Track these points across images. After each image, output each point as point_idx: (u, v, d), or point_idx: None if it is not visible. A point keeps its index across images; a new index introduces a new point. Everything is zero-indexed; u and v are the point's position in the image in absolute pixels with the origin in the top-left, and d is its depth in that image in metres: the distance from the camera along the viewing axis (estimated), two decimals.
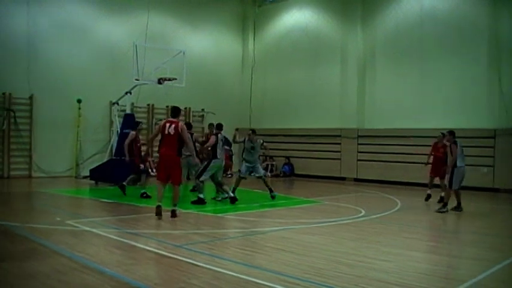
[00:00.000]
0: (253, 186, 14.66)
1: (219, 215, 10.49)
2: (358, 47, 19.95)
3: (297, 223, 9.54)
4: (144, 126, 17.95)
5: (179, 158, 9.52)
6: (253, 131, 13.32)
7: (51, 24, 17.85)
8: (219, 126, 12.40)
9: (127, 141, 12.93)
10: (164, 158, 9.43)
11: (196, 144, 13.07)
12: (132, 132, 13.19)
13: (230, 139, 14.61)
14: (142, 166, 12.85)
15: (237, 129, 16.85)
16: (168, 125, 9.48)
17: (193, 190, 13.45)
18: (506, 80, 16.09)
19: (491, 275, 5.89)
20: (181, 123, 9.53)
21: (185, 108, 21.48)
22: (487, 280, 5.66)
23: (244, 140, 13.17)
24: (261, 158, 22.32)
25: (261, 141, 13.35)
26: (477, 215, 11.81)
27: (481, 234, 8.88)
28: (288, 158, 21.79)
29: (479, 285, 5.45)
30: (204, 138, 15.19)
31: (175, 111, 9.85)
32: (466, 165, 10.63)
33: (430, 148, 13.91)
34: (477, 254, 7.11)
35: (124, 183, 12.69)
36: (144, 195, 12.34)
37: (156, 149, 10.67)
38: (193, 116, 21.68)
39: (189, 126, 13.78)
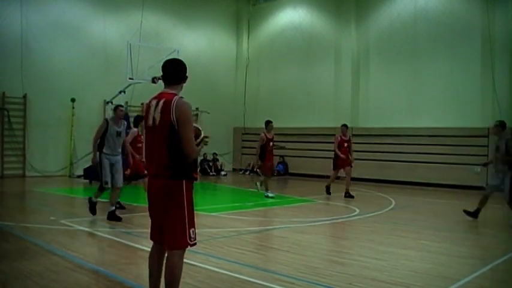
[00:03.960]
0: (247, 185, 14.67)
1: (213, 214, 10.48)
2: (352, 45, 19.99)
3: (292, 222, 9.56)
4: None
5: (181, 183, 4.09)
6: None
7: (44, 23, 17.76)
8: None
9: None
10: (151, 187, 4.23)
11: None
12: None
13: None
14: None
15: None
16: (154, 102, 4.25)
17: None
18: (499, 78, 16.18)
19: (484, 273, 5.92)
20: (179, 99, 4.18)
21: None
22: (480, 279, 5.69)
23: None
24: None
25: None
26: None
27: (474, 233, 8.93)
28: (282, 157, 21.79)
29: (472, 284, 5.48)
30: None
31: (170, 71, 4.56)
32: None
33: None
34: (470, 252, 7.15)
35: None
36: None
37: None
38: None
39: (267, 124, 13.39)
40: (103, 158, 8.99)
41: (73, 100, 18.00)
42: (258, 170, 21.74)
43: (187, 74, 4.51)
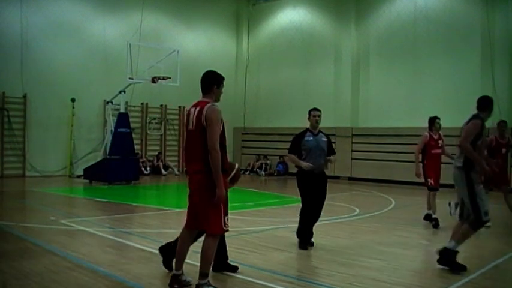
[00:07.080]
0: (247, 185, 14.67)
1: None
2: (352, 45, 19.99)
3: (292, 222, 9.53)
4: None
5: (211, 178, 4.75)
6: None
7: (44, 23, 17.75)
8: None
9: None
10: (189, 179, 5.02)
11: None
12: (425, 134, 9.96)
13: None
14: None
15: None
16: (193, 110, 4.98)
17: None
18: (499, 78, 16.17)
19: (484, 273, 5.92)
20: (210, 106, 4.82)
21: (179, 107, 21.47)
22: (480, 279, 5.68)
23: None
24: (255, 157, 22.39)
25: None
26: None
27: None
28: (282, 157, 21.76)
29: (473, 284, 5.48)
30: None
31: (201, 83, 5.07)
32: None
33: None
34: (470, 252, 7.13)
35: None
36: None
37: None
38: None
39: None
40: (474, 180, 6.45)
41: (73, 100, 18.00)
42: (257, 170, 21.77)
43: (216, 78, 5.06)
